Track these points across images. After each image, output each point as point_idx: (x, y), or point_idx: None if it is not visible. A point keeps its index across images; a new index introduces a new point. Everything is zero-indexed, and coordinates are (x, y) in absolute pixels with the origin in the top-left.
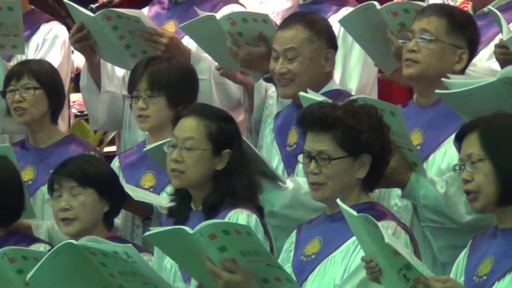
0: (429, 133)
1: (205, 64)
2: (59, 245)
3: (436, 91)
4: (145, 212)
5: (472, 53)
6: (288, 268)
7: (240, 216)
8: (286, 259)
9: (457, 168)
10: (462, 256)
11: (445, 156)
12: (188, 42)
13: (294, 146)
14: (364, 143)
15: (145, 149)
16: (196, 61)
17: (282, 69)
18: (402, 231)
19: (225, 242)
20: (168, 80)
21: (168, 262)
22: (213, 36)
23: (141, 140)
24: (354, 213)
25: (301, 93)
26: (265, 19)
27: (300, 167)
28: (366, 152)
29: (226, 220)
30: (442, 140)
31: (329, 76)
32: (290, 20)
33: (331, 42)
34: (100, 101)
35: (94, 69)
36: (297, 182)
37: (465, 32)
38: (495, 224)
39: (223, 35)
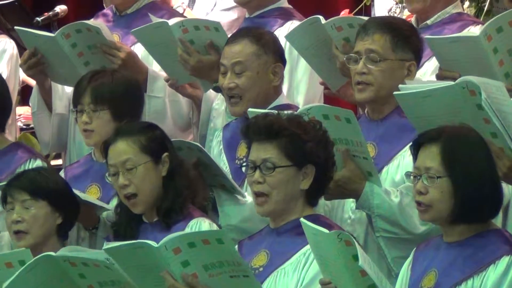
0: (382, 146)
1: (161, 83)
2: (36, 257)
3: (395, 92)
4: (92, 222)
5: (419, 62)
6: None
7: (203, 224)
8: None
9: (411, 176)
10: (406, 266)
11: (399, 168)
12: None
13: (244, 159)
14: (309, 153)
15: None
16: (153, 79)
17: (230, 84)
18: None
19: (189, 257)
20: (112, 94)
21: None
22: (164, 44)
23: (86, 153)
24: (326, 230)
25: (250, 109)
26: (217, 27)
27: None
28: (310, 162)
29: (188, 229)
30: (395, 153)
31: (278, 90)
32: (237, 35)
33: (279, 56)
34: (51, 124)
35: (46, 92)
36: None
37: (410, 43)
38: (438, 235)
39: (174, 43)
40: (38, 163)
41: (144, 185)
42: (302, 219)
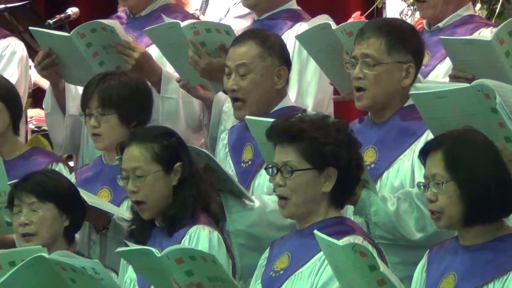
0: (382, 151)
1: (175, 84)
2: (31, 257)
3: (410, 92)
4: (103, 222)
5: (419, 63)
6: (258, 284)
7: (202, 233)
8: (258, 275)
9: (422, 186)
10: (420, 269)
11: (398, 173)
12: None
13: (250, 162)
14: (329, 155)
15: (117, 158)
16: (167, 80)
17: (234, 85)
18: (369, 245)
19: (192, 267)
20: (119, 97)
21: (128, 277)
22: (176, 44)
23: (99, 154)
24: (340, 243)
25: (247, 117)
26: (228, 30)
27: (256, 183)
28: (331, 165)
29: (187, 237)
30: (395, 158)
31: (281, 93)
32: (242, 36)
33: (284, 59)
34: (65, 125)
35: (59, 94)
36: (263, 200)
37: (407, 45)
38: (452, 237)
39: (185, 44)
40: (60, 166)
41: (152, 194)
42: (315, 231)
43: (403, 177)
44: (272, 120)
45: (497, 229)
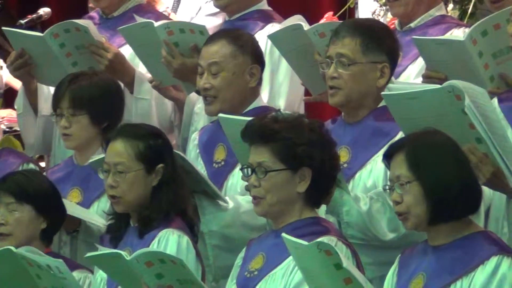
0: (355, 151)
1: (148, 85)
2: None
3: (382, 93)
4: (73, 225)
5: (395, 63)
6: (234, 284)
7: (171, 237)
8: (234, 275)
9: (387, 189)
10: (391, 272)
11: (371, 173)
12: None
13: (222, 163)
14: (302, 156)
15: (89, 162)
16: (140, 81)
17: (206, 84)
18: (343, 245)
19: (162, 270)
20: (90, 98)
21: (100, 275)
22: (149, 44)
23: (70, 154)
24: (305, 242)
25: (220, 115)
26: (202, 30)
27: (229, 184)
28: (305, 165)
29: (156, 240)
30: (368, 158)
31: (255, 92)
32: (215, 36)
33: (257, 57)
34: (37, 126)
35: (32, 94)
36: (237, 201)
37: (382, 45)
38: (422, 240)
39: (158, 44)
40: (31, 167)
41: (130, 191)
42: (283, 234)
43: (376, 177)
44: (245, 118)
45: (464, 228)
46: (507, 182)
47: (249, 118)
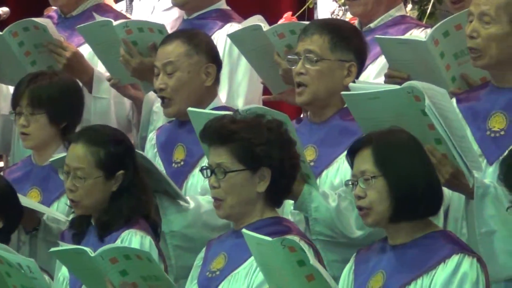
0: (322, 150)
1: (107, 84)
2: None
3: (342, 92)
4: (33, 224)
5: (362, 63)
6: (195, 285)
7: (134, 238)
8: (194, 275)
9: (350, 183)
10: (347, 271)
11: (338, 172)
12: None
13: (182, 163)
14: (261, 156)
15: (50, 160)
16: (98, 80)
17: (161, 84)
18: (305, 245)
19: (126, 267)
20: (49, 97)
21: (62, 274)
22: (108, 43)
23: (29, 154)
24: (268, 238)
25: (190, 109)
26: (161, 29)
27: (189, 184)
28: (264, 165)
29: (119, 241)
30: (335, 157)
31: (212, 92)
32: (170, 36)
33: (212, 56)
34: None
35: None
36: (198, 201)
37: (350, 44)
38: (380, 238)
39: (117, 43)
40: None
41: (88, 197)
42: (243, 230)
43: (343, 175)
44: (215, 112)
45: (424, 227)
46: (466, 182)
47: (220, 112)
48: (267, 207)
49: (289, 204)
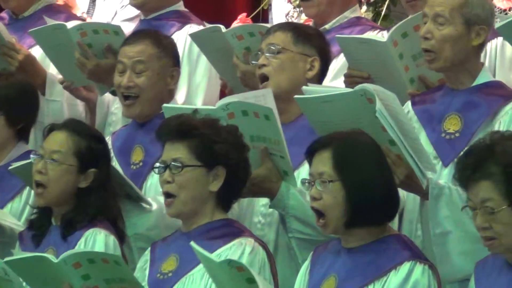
0: (292, 150)
1: (60, 86)
2: None
3: (295, 96)
4: None
5: (326, 62)
6: (145, 286)
7: (98, 236)
8: (141, 277)
9: (307, 182)
10: (303, 271)
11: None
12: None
13: (141, 164)
14: (219, 154)
15: (10, 168)
16: (51, 83)
17: (129, 82)
18: (259, 248)
19: (89, 271)
20: (6, 99)
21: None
22: (61, 46)
23: None
24: (216, 259)
25: (165, 105)
26: (117, 31)
27: (148, 184)
28: (220, 164)
29: (83, 239)
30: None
31: (171, 94)
32: (137, 35)
33: (176, 60)
34: None
35: None
36: (160, 202)
37: (312, 41)
38: (336, 239)
39: (71, 45)
40: None
41: (56, 183)
42: (192, 243)
43: None
44: (191, 106)
45: (378, 231)
46: (420, 184)
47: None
48: (217, 209)
49: (258, 204)
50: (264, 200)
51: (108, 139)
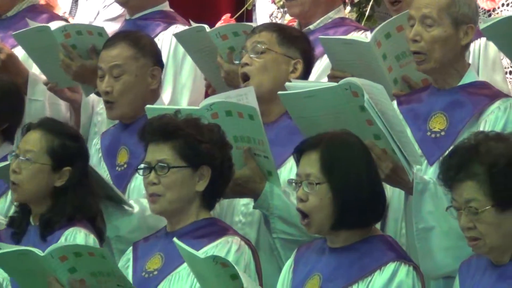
0: (274, 149)
1: (42, 86)
2: None
3: (279, 92)
4: None
5: (308, 65)
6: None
7: (78, 235)
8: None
9: (293, 183)
10: (286, 269)
11: (291, 171)
12: None
13: (125, 165)
14: (204, 154)
15: None
16: (34, 83)
17: (108, 87)
18: (245, 246)
19: (76, 264)
20: None
21: (1, 275)
22: (45, 48)
23: None
24: (201, 255)
25: (148, 106)
26: (100, 32)
27: (132, 186)
28: (206, 164)
29: (63, 239)
30: (287, 156)
31: (155, 94)
32: (114, 38)
33: (157, 59)
34: None
35: None
36: (142, 204)
37: (297, 43)
38: (321, 238)
39: (55, 47)
40: None
41: (29, 182)
42: (174, 239)
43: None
44: (174, 107)
45: (363, 231)
46: (405, 178)
47: (175, 107)
48: (202, 208)
49: (239, 204)
50: (245, 200)
51: (98, 139)
